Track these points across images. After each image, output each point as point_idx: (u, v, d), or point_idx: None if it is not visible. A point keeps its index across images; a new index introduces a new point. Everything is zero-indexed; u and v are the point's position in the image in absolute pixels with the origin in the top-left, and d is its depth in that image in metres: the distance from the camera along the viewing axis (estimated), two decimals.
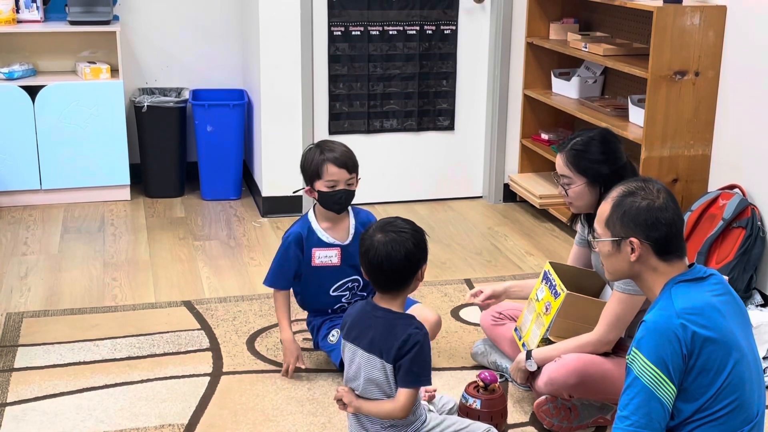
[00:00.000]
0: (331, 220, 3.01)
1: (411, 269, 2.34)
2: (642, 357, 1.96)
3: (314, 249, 3.00)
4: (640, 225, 2.04)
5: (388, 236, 2.33)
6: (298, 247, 2.99)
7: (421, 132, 4.81)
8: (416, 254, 2.34)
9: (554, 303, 2.71)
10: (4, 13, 4.56)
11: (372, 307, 2.38)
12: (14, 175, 4.61)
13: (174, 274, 3.90)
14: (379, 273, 2.35)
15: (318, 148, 2.94)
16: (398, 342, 2.29)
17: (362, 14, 4.56)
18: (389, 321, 2.33)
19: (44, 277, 3.82)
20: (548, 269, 2.79)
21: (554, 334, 2.72)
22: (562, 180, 2.75)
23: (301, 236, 2.99)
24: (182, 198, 4.92)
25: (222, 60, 5.11)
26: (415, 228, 2.38)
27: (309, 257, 3.01)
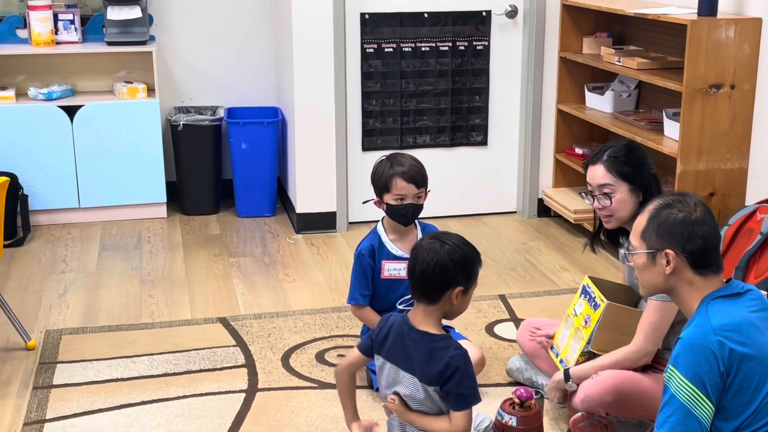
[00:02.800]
0: (398, 232, 3.05)
1: (441, 283, 2.32)
2: (679, 374, 1.94)
3: (384, 261, 3.04)
4: (677, 237, 2.03)
5: (433, 243, 2.34)
6: (371, 258, 3.04)
7: (454, 147, 4.81)
8: (449, 271, 2.31)
9: (594, 315, 2.69)
10: (43, 35, 4.65)
11: (409, 329, 2.37)
12: (53, 194, 4.68)
13: (210, 290, 3.93)
14: (411, 276, 2.36)
15: (388, 161, 2.99)
16: (439, 367, 2.28)
17: (394, 31, 4.58)
18: (427, 344, 2.32)
19: (82, 295, 3.87)
20: (587, 283, 2.78)
21: (595, 347, 2.70)
22: (602, 190, 2.73)
23: (373, 248, 3.04)
24: (218, 215, 4.97)
25: (256, 78, 5.16)
26: (463, 250, 2.34)
27: (379, 269, 3.05)
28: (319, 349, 3.36)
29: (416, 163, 3.02)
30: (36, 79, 4.84)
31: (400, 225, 3.04)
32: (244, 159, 4.86)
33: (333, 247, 4.46)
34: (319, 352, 3.33)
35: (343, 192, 4.66)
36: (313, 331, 3.51)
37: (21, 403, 2.97)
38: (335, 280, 4.06)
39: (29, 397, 3.00)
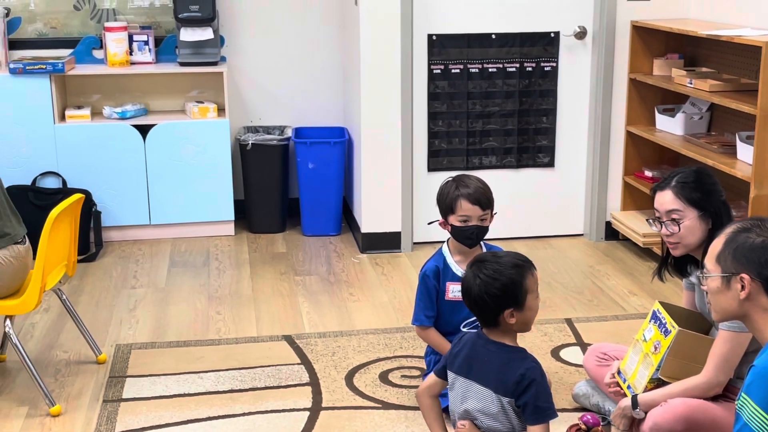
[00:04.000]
0: (463, 253, 3.05)
1: (488, 310, 2.33)
2: (752, 403, 1.89)
3: (449, 283, 3.04)
4: (753, 262, 1.98)
5: (474, 271, 2.34)
6: (436, 279, 3.04)
7: (521, 169, 4.78)
8: (488, 303, 2.31)
9: (664, 341, 2.64)
10: (118, 56, 4.78)
11: (484, 341, 2.38)
12: (125, 211, 4.79)
13: (275, 308, 3.96)
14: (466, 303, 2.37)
15: (454, 182, 2.99)
16: (514, 378, 2.29)
17: (461, 52, 4.59)
18: (503, 356, 2.33)
19: (152, 310, 3.94)
20: (657, 308, 2.73)
21: (665, 374, 2.65)
22: (671, 216, 2.68)
23: (437, 269, 3.04)
24: (284, 233, 5.02)
25: (324, 98, 5.21)
26: (498, 279, 2.32)
27: (443, 291, 3.05)
28: (382, 369, 3.36)
29: (482, 185, 3.01)
30: (111, 99, 4.97)
31: (465, 246, 3.04)
32: (310, 178, 4.90)
33: (397, 268, 4.47)
34: (383, 372, 3.33)
35: (408, 212, 4.67)
36: (377, 351, 3.52)
37: (91, 415, 3.03)
38: (399, 300, 4.06)
39: (99, 410, 3.06)
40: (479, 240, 3.03)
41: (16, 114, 4.58)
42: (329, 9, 5.09)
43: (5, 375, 3.32)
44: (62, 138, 4.66)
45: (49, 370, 3.35)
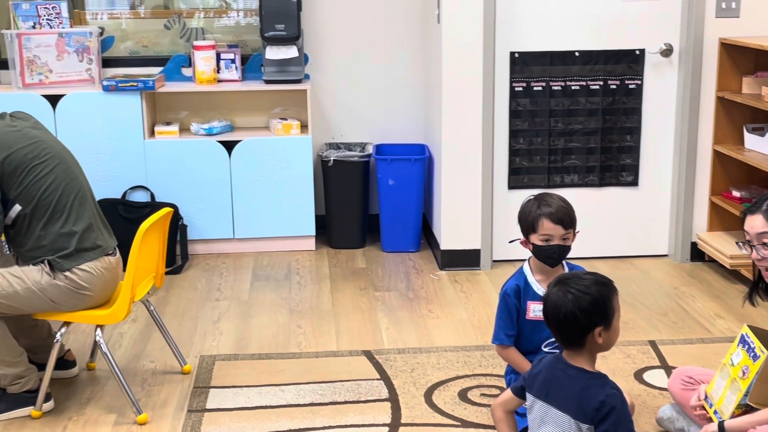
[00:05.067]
0: (545, 272, 3.03)
1: (578, 329, 2.30)
2: None
3: (529, 302, 3.02)
4: None
5: (561, 289, 2.32)
6: (516, 298, 3.03)
7: (603, 187, 4.72)
8: (580, 319, 2.29)
9: (753, 366, 2.57)
10: (206, 74, 4.91)
11: (564, 365, 2.36)
12: (210, 225, 4.90)
13: (355, 323, 4.00)
14: (549, 325, 2.34)
15: (536, 201, 2.98)
16: (594, 404, 2.25)
17: (544, 70, 4.57)
18: (582, 381, 2.30)
19: (235, 322, 4.02)
20: (746, 332, 2.66)
21: (753, 400, 2.58)
22: (762, 239, 2.62)
23: (518, 288, 3.03)
24: (363, 249, 5.06)
25: (405, 116, 5.25)
26: (590, 294, 2.30)
27: (524, 310, 3.03)
28: (462, 387, 3.36)
29: (564, 203, 2.99)
30: (198, 115, 5.10)
31: (547, 266, 3.01)
32: (390, 195, 4.94)
33: (477, 285, 4.46)
34: (462, 390, 3.33)
35: (488, 230, 4.65)
36: (456, 368, 3.51)
37: (176, 424, 3.11)
38: (479, 318, 4.05)
39: (184, 420, 3.13)
40: (561, 259, 3.00)
41: (108, 129, 4.74)
42: (411, 27, 5.13)
43: (94, 383, 3.43)
44: (151, 153, 4.80)
45: (136, 379, 3.44)
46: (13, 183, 3.01)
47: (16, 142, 3.04)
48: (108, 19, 5.15)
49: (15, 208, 3.04)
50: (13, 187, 3.02)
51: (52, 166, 3.08)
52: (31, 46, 4.72)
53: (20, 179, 3.01)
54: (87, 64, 4.83)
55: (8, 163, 2.99)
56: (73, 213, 3.09)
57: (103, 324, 3.18)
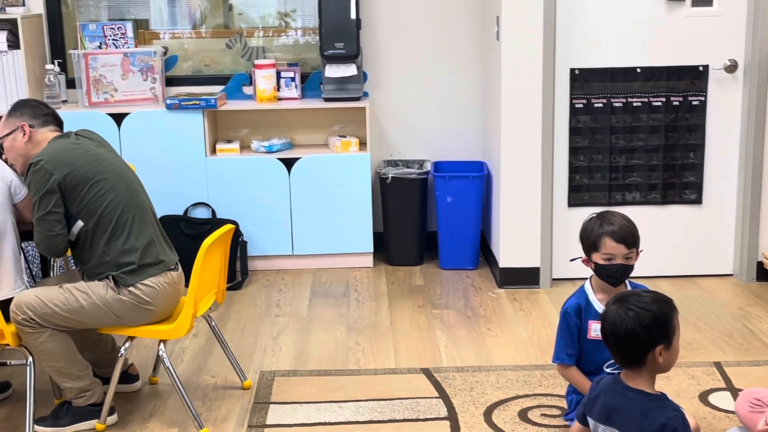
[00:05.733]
0: (607, 292, 2.99)
1: (639, 347, 2.26)
2: None
3: (591, 321, 2.99)
4: None
5: (621, 307, 2.29)
6: (577, 317, 2.99)
7: (666, 205, 4.65)
8: (641, 336, 2.25)
9: None
10: (267, 92, 4.97)
11: (622, 387, 2.32)
12: (269, 241, 4.95)
13: (413, 341, 3.99)
14: (608, 343, 2.31)
15: (598, 219, 2.95)
16: (655, 427, 2.21)
17: (605, 86, 4.53)
18: (643, 403, 2.26)
19: (294, 338, 4.04)
20: None
21: None
22: None
23: (579, 307, 3.00)
24: (421, 266, 5.05)
25: (463, 133, 5.24)
26: (650, 311, 2.27)
27: (585, 329, 3.00)
28: (522, 406, 3.32)
29: (627, 222, 2.95)
30: (258, 133, 5.17)
31: (609, 285, 2.97)
32: (448, 212, 4.93)
33: (536, 303, 4.41)
34: (522, 410, 3.29)
35: (547, 248, 4.61)
36: (516, 388, 3.48)
37: None
38: (538, 336, 4.00)
39: None
40: (624, 279, 2.96)
41: (171, 147, 4.83)
42: (470, 44, 5.13)
43: (157, 397, 3.48)
44: (213, 170, 4.87)
45: (197, 394, 3.48)
46: (75, 199, 3.08)
47: (77, 159, 3.11)
48: (171, 38, 5.25)
49: (77, 224, 3.11)
50: (75, 203, 3.09)
51: (112, 183, 3.14)
52: (98, 65, 4.83)
53: (82, 195, 3.08)
54: (151, 83, 4.93)
55: (70, 180, 3.07)
56: (134, 229, 3.15)
57: (166, 339, 3.22)
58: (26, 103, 3.29)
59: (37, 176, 3.06)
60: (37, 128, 3.22)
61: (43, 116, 3.24)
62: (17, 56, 4.73)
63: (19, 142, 3.20)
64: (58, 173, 3.05)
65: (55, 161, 3.07)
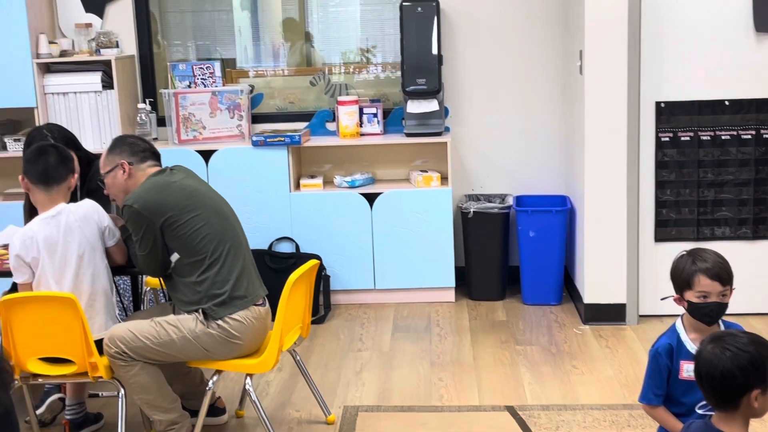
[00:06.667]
0: (700, 331, 2.92)
1: (734, 389, 2.19)
2: None
3: (683, 361, 2.92)
4: None
5: (718, 347, 2.22)
6: (668, 358, 2.93)
7: (757, 240, 4.52)
8: (737, 378, 2.17)
9: None
10: (349, 128, 5.03)
11: None
12: (352, 275, 4.98)
13: (497, 377, 3.95)
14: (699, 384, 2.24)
15: (690, 256, 2.89)
16: None
17: (692, 119, 4.45)
18: None
19: (377, 373, 4.05)
20: None
21: None
22: None
23: (671, 347, 2.93)
24: (504, 301, 5.01)
25: (545, 167, 5.21)
26: (748, 353, 2.19)
27: (676, 369, 2.93)
28: None
29: (721, 259, 2.88)
30: (341, 168, 5.23)
31: (703, 324, 2.90)
32: (531, 246, 4.89)
33: (622, 341, 4.33)
34: None
35: (633, 283, 4.53)
36: (603, 427, 3.41)
37: None
38: (626, 375, 3.92)
39: None
40: (719, 317, 2.88)
41: (257, 182, 4.92)
42: (553, 78, 5.11)
43: (243, 430, 3.52)
44: (296, 205, 4.95)
45: (282, 428, 3.51)
46: (170, 235, 3.17)
47: (171, 196, 3.20)
48: (256, 76, 5.38)
49: (173, 256, 3.21)
50: (171, 238, 3.18)
51: (207, 217, 3.22)
52: (187, 104, 4.98)
53: (177, 232, 3.17)
54: (238, 121, 5.05)
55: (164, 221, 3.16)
56: (227, 262, 3.22)
57: (252, 373, 3.27)
58: (124, 140, 3.41)
59: (133, 218, 3.16)
60: (136, 164, 3.32)
61: (141, 152, 3.35)
62: (111, 96, 4.92)
63: (119, 179, 3.31)
64: (153, 216, 3.15)
65: (149, 203, 3.16)
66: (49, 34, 5.03)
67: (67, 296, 3.08)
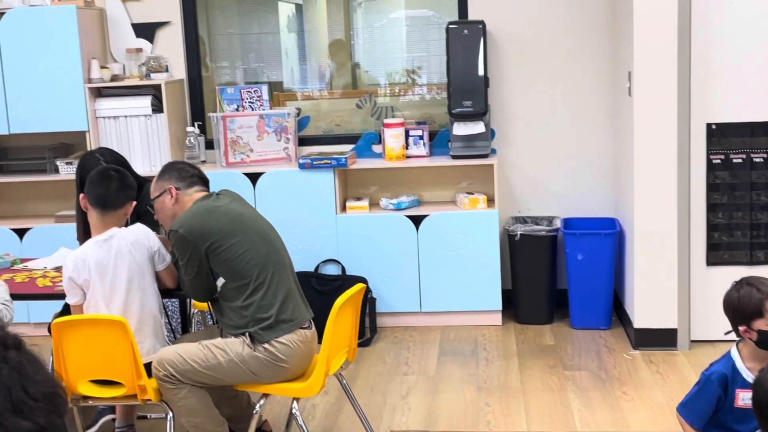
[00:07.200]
0: (758, 360, 2.84)
1: None
2: None
3: (738, 390, 2.85)
4: None
5: None
6: (721, 387, 2.86)
7: None
8: None
9: None
10: (395, 150, 5.04)
11: None
12: (398, 298, 4.97)
13: (545, 403, 3.90)
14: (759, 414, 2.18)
15: (749, 285, 2.81)
16: None
17: (744, 141, 4.37)
18: None
19: (423, 398, 4.02)
20: None
21: None
22: None
23: (725, 377, 2.86)
24: (551, 325, 4.95)
25: (594, 189, 5.15)
26: None
27: (732, 398, 2.86)
28: None
29: None
30: (387, 190, 5.23)
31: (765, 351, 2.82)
32: (579, 270, 4.83)
33: (674, 366, 4.25)
34: None
35: (684, 308, 4.44)
36: None
37: None
38: (677, 402, 3.80)
39: None
40: None
41: (303, 205, 4.94)
42: (600, 99, 5.07)
43: None
44: (343, 227, 4.95)
45: None
46: (216, 260, 3.19)
47: (216, 221, 3.22)
48: (303, 99, 5.42)
49: (219, 280, 3.22)
50: (216, 263, 3.20)
51: (252, 241, 3.23)
52: (235, 127, 5.03)
53: (222, 257, 3.19)
54: (285, 143, 5.08)
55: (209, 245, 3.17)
56: (272, 285, 3.22)
57: (299, 396, 3.26)
58: (173, 166, 3.45)
59: (179, 243, 3.19)
60: (183, 190, 3.36)
61: (189, 178, 3.39)
62: (161, 119, 4.99)
63: (167, 204, 3.35)
64: (198, 241, 3.17)
65: (194, 228, 3.18)
66: (101, 59, 5.13)
67: (118, 319, 3.12)
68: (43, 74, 4.91)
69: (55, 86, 4.92)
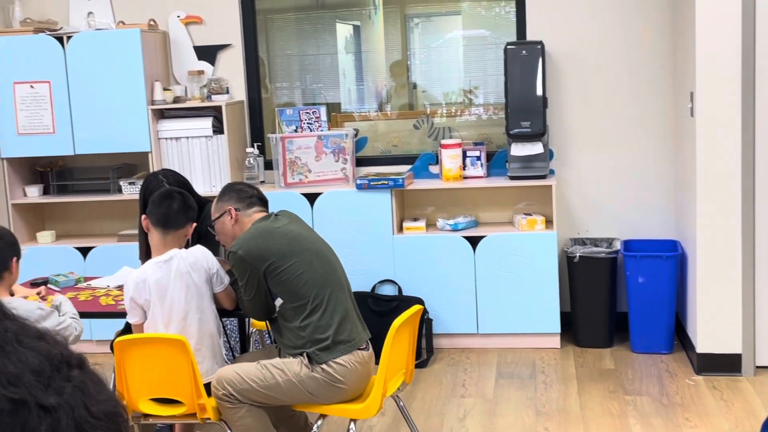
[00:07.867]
0: None
1: None
2: None
3: None
4: None
5: None
6: None
7: None
8: None
9: None
10: (452, 171, 5.03)
11: None
12: (454, 319, 4.94)
13: (605, 429, 3.83)
14: None
15: None
16: None
17: None
18: None
19: (480, 421, 3.98)
20: None
21: None
22: None
23: None
24: (611, 349, 4.87)
25: (654, 210, 5.07)
26: None
27: None
28: None
29: None
30: (443, 211, 5.22)
31: None
32: (640, 293, 4.75)
33: (738, 393, 4.14)
34: None
35: (749, 333, 4.33)
36: None
37: None
38: (742, 429, 3.74)
39: None
40: None
41: (360, 225, 4.96)
42: (661, 119, 4.99)
43: None
44: (400, 248, 4.95)
45: None
46: (273, 281, 3.22)
47: (274, 242, 3.25)
48: (360, 119, 5.45)
49: (277, 301, 3.25)
50: (274, 284, 3.22)
51: (309, 262, 3.25)
52: (293, 148, 5.08)
53: (279, 277, 3.21)
54: (342, 164, 5.11)
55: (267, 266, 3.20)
56: (330, 306, 3.23)
57: (356, 418, 3.26)
58: (233, 187, 3.50)
59: (237, 264, 3.23)
60: (243, 211, 3.40)
61: (248, 198, 3.43)
62: (221, 140, 5.06)
63: (227, 225, 3.40)
64: (256, 262, 3.20)
65: (253, 250, 3.22)
66: (164, 81, 5.23)
67: (178, 338, 3.15)
68: (108, 96, 5.02)
69: (119, 108, 5.03)
